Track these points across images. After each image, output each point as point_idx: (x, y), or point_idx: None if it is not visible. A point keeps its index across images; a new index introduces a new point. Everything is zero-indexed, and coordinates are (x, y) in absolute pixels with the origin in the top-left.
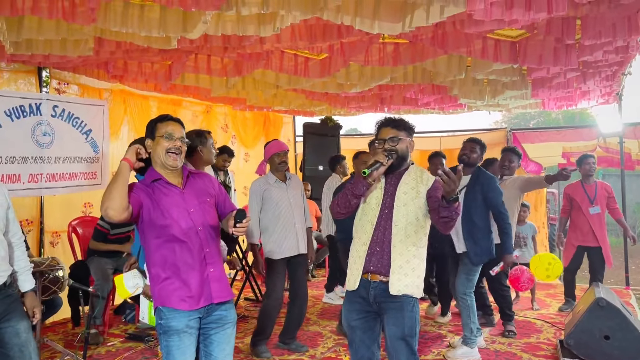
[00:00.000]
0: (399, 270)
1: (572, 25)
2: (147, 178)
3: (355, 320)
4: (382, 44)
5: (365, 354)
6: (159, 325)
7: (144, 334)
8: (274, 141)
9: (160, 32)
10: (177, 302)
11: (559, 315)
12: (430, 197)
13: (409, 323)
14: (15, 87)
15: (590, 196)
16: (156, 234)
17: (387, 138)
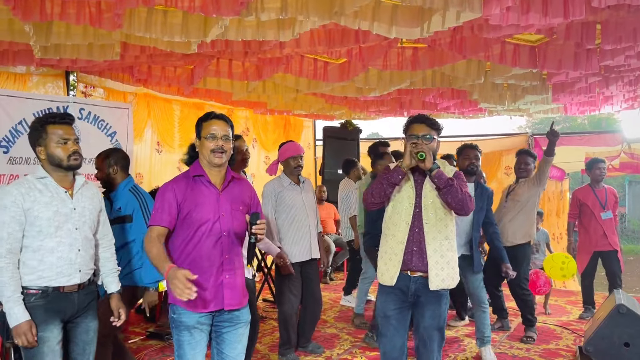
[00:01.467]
0: (436, 266)
1: (592, 30)
2: (191, 170)
3: (392, 311)
4: (401, 48)
5: (399, 342)
6: (172, 319)
7: (164, 333)
8: (290, 143)
9: (183, 37)
10: (186, 303)
11: (579, 322)
12: None
13: (443, 315)
14: (43, 91)
15: (602, 201)
16: (182, 228)
17: (421, 135)
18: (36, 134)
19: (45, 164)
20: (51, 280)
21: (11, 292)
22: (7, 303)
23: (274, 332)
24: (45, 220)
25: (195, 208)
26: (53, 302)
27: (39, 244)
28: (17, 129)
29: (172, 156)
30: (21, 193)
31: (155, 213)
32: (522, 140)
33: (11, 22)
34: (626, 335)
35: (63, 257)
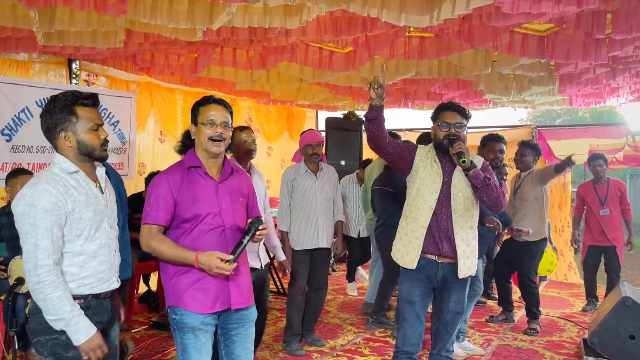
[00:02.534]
0: (463, 254)
1: (602, 20)
2: (185, 161)
3: (417, 297)
4: (408, 37)
5: (419, 328)
6: (173, 320)
7: (167, 322)
8: (309, 131)
9: (188, 24)
10: (190, 303)
11: (582, 315)
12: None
13: (463, 300)
14: (46, 79)
15: (601, 197)
16: (181, 224)
17: (454, 123)
18: (62, 117)
19: (69, 152)
20: (93, 287)
21: (70, 306)
22: (72, 319)
23: (277, 322)
24: (87, 221)
25: (194, 202)
26: (94, 313)
27: (79, 248)
28: (20, 117)
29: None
30: (60, 192)
31: (150, 210)
32: (526, 132)
33: (14, 7)
34: (632, 327)
35: (104, 261)
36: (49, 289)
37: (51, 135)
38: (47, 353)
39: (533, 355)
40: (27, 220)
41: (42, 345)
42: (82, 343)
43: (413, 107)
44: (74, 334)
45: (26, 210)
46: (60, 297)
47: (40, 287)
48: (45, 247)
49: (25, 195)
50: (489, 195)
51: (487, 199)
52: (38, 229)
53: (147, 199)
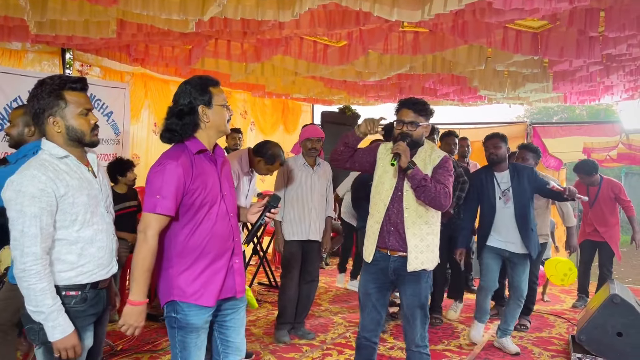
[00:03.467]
0: (415, 249)
1: (595, 17)
2: (191, 145)
3: (372, 288)
4: (402, 32)
5: (376, 317)
6: (173, 319)
7: (158, 314)
8: (310, 125)
9: (181, 15)
10: (200, 297)
11: (572, 311)
12: (433, 175)
13: (424, 293)
14: (39, 68)
15: (591, 198)
16: (190, 214)
17: (407, 121)
18: (50, 101)
19: (58, 138)
20: (92, 275)
21: (52, 299)
22: (51, 314)
23: (268, 315)
24: (81, 206)
25: (205, 189)
26: (91, 304)
27: (75, 235)
28: (12, 106)
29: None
30: (50, 178)
31: (162, 199)
32: (521, 129)
33: None
34: (619, 325)
35: (103, 247)
36: (33, 279)
37: (39, 121)
38: (39, 341)
39: (522, 351)
40: (14, 206)
41: (34, 333)
42: (56, 340)
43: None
44: (50, 329)
45: (13, 196)
46: (44, 290)
47: (24, 276)
48: (33, 234)
49: (13, 181)
50: (426, 195)
51: (424, 199)
52: (25, 215)
53: (154, 186)
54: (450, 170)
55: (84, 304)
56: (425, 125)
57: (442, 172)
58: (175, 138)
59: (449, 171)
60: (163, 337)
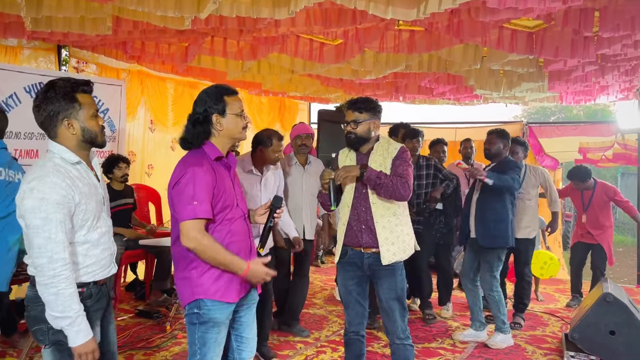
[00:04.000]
0: (386, 242)
1: (590, 17)
2: (209, 152)
3: (352, 285)
4: (398, 31)
5: (360, 310)
6: (195, 315)
7: (153, 311)
8: (299, 124)
9: (176, 12)
10: (224, 294)
11: (566, 310)
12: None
13: (400, 285)
14: (35, 65)
15: (585, 202)
16: (218, 217)
17: (350, 121)
18: (65, 104)
19: (71, 140)
20: (95, 275)
21: (78, 304)
22: (77, 319)
23: None
24: (91, 212)
25: (225, 192)
26: (96, 300)
27: (83, 238)
28: (8, 102)
29: (165, 135)
30: (68, 185)
31: (199, 204)
32: (517, 128)
33: None
34: (612, 323)
35: (106, 248)
36: (63, 284)
37: (52, 124)
38: (48, 341)
39: (515, 349)
40: (38, 214)
41: (42, 334)
42: (79, 345)
43: (404, 100)
44: (74, 334)
45: (37, 204)
46: (72, 295)
47: (54, 282)
48: (61, 240)
49: (33, 189)
50: (385, 191)
51: (384, 195)
52: (51, 222)
53: (187, 194)
54: (408, 159)
55: (89, 299)
56: (370, 121)
57: (400, 162)
58: (188, 145)
59: (406, 161)
60: (157, 335)
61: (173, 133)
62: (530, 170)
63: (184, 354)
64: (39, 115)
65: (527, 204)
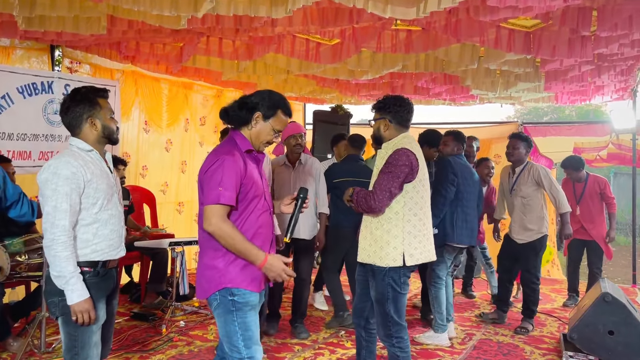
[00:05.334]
0: (364, 240)
1: (588, 16)
2: (240, 144)
3: (359, 275)
4: (395, 30)
5: (358, 305)
6: (230, 302)
7: (148, 314)
8: (291, 123)
9: (172, 12)
10: (251, 283)
11: (563, 309)
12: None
13: (379, 289)
14: (28, 65)
15: (577, 195)
16: (241, 206)
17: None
18: (90, 105)
19: (93, 136)
20: (104, 254)
21: (74, 267)
22: (72, 279)
23: None
24: (102, 192)
25: (253, 184)
26: (103, 279)
27: (94, 216)
28: (0, 103)
29: (159, 136)
30: (80, 164)
31: (225, 190)
32: (512, 128)
33: None
34: (611, 323)
35: (115, 230)
36: (60, 247)
37: (78, 122)
38: (59, 312)
39: (514, 349)
40: (50, 186)
41: (54, 306)
42: (74, 303)
43: None
44: (69, 292)
45: (50, 177)
46: (67, 257)
47: (52, 245)
48: (64, 209)
49: (50, 165)
50: (362, 210)
51: (362, 211)
52: (59, 193)
53: (214, 179)
54: (392, 164)
55: (96, 277)
56: (380, 120)
57: (383, 168)
58: (224, 119)
59: (387, 165)
60: (152, 337)
61: (168, 134)
62: (527, 167)
63: (180, 356)
64: (66, 116)
65: (523, 202)
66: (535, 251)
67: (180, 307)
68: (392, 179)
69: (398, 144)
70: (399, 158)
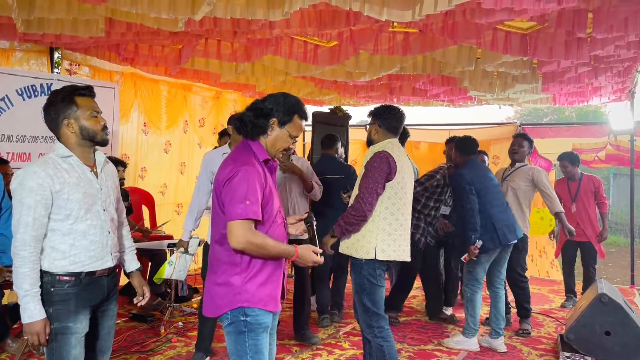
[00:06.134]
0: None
1: (583, 18)
2: (259, 154)
3: None
4: (392, 32)
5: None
6: (242, 322)
7: (147, 315)
8: None
9: (170, 14)
10: (268, 303)
11: (561, 310)
12: None
13: (357, 281)
14: (27, 67)
15: (572, 193)
16: (263, 220)
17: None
18: (64, 105)
19: (72, 138)
20: (84, 265)
21: (29, 285)
22: (25, 297)
23: None
24: (75, 202)
25: (272, 196)
26: (86, 289)
27: (69, 227)
28: (1, 105)
29: (159, 138)
30: (49, 174)
31: (251, 205)
32: (511, 129)
33: None
34: (607, 324)
35: (96, 241)
36: (18, 262)
37: (55, 124)
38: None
39: (511, 350)
40: (16, 196)
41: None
42: (25, 323)
43: (399, 102)
44: (22, 311)
45: (17, 188)
46: (24, 274)
47: (14, 258)
48: (25, 222)
49: (18, 175)
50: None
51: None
52: (23, 205)
53: (239, 192)
54: (370, 165)
55: (77, 287)
56: (371, 125)
57: (365, 172)
58: (242, 131)
59: (368, 168)
60: (151, 338)
61: (167, 135)
62: (527, 166)
63: (178, 357)
64: (46, 119)
65: (511, 191)
66: (518, 249)
67: (179, 308)
68: (375, 180)
69: (381, 147)
70: (376, 160)
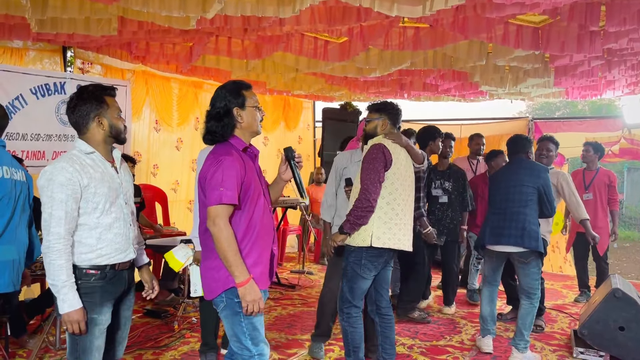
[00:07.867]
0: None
1: (596, 11)
2: (236, 144)
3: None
4: (402, 28)
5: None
6: (237, 303)
7: (161, 310)
8: None
9: (181, 12)
10: (259, 281)
11: (574, 306)
12: None
13: (344, 265)
14: (40, 66)
15: (586, 182)
16: (245, 204)
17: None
18: (97, 104)
19: (100, 135)
20: (110, 258)
21: (67, 276)
22: (63, 288)
23: (270, 310)
24: (102, 196)
25: (253, 181)
26: (110, 282)
27: (95, 221)
28: (14, 104)
29: (170, 135)
30: (76, 169)
31: (226, 190)
32: (523, 124)
33: None
34: (621, 319)
35: (120, 233)
36: (54, 255)
37: (84, 121)
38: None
39: None
40: (46, 192)
41: (57, 307)
42: (64, 313)
43: (409, 98)
44: (60, 302)
45: (45, 184)
46: (61, 266)
47: (48, 252)
48: (59, 217)
49: (46, 171)
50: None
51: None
52: (54, 200)
53: (215, 180)
54: (368, 157)
55: (103, 280)
56: (377, 120)
57: (363, 165)
58: (217, 139)
59: (366, 161)
60: (165, 334)
61: (178, 133)
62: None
63: (193, 353)
64: (73, 115)
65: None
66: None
67: (192, 303)
68: (375, 170)
69: (377, 140)
70: (372, 152)
